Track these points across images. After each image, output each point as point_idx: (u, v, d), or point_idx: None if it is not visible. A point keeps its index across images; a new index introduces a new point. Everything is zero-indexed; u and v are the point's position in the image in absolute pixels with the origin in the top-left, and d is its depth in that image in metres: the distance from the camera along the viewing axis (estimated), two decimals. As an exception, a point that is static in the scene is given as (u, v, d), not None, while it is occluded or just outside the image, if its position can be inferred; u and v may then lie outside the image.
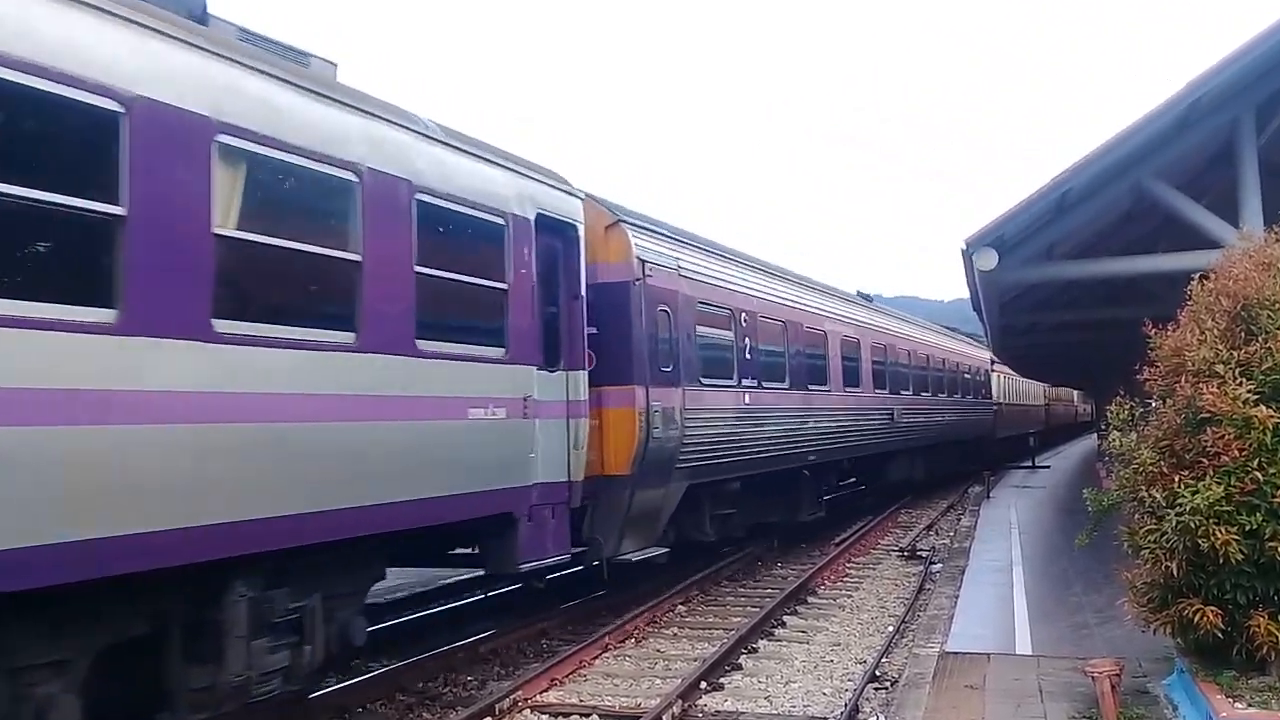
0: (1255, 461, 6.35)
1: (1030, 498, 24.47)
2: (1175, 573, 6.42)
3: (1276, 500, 6.26)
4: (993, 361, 34.47)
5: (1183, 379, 6.86)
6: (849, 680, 8.95)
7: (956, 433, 28.89)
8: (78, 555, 5.03)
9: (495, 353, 8.62)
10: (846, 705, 8.05)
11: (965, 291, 14.98)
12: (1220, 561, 6.29)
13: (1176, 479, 6.52)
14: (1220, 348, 6.85)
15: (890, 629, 10.87)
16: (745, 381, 13.79)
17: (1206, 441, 6.51)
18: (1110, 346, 22.44)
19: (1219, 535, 6.21)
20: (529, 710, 8.10)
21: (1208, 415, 6.58)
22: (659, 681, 8.97)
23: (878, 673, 9.01)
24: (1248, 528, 6.26)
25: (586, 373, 10.06)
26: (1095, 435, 40.53)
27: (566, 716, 8.05)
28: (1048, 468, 35.87)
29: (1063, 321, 22.09)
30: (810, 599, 12.91)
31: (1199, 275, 7.76)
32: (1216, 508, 6.27)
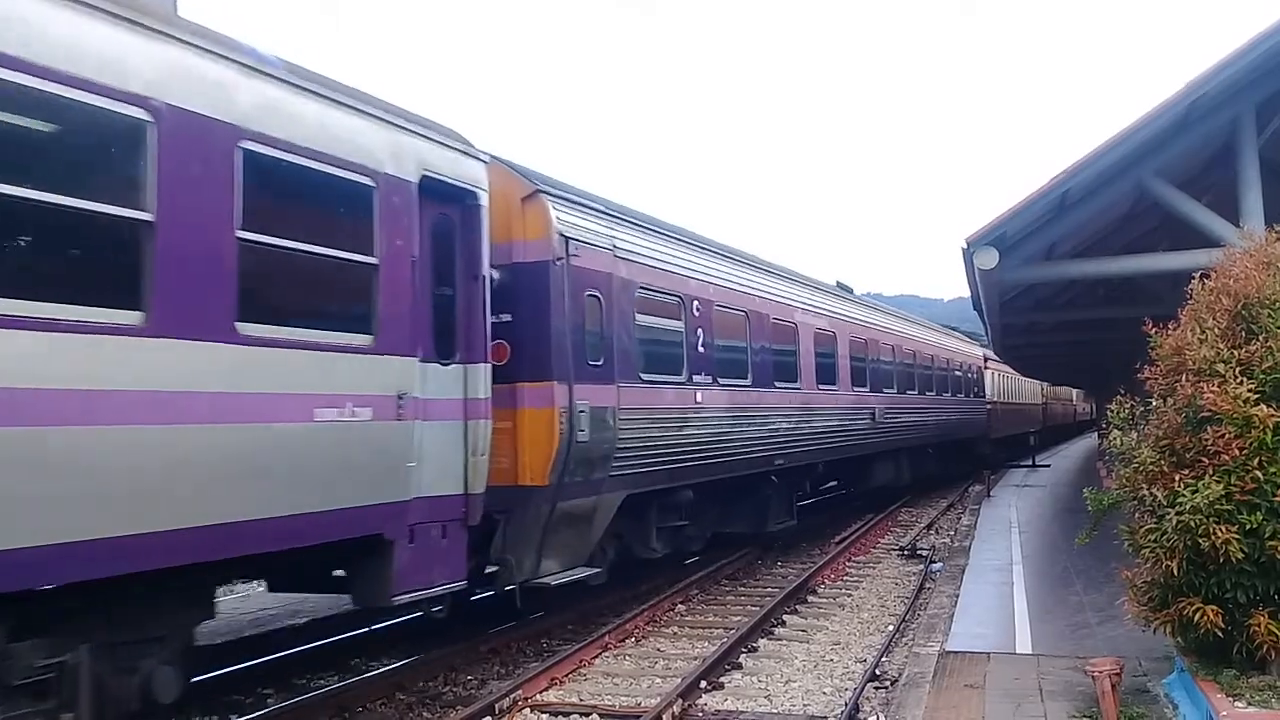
0: (1255, 460, 6.36)
1: (1030, 497, 24.46)
2: (1175, 572, 6.43)
3: (1277, 499, 6.26)
4: (986, 359, 33.84)
5: (1183, 378, 6.86)
6: (849, 679, 8.95)
7: (946, 434, 27.61)
8: None
9: (358, 341, 7.24)
10: (847, 704, 8.04)
11: (966, 291, 14.98)
12: (1220, 560, 6.29)
13: (1177, 478, 6.52)
14: (1221, 347, 6.86)
15: (890, 628, 10.87)
16: (697, 378, 12.34)
17: (1207, 440, 6.52)
18: (1111, 345, 22.47)
19: (1219, 534, 6.21)
20: (529, 709, 8.10)
21: (1208, 414, 6.58)
22: (659, 680, 8.97)
23: (878, 672, 9.01)
24: (1248, 526, 6.27)
25: (489, 366, 8.61)
26: (1096, 434, 40.55)
27: (566, 716, 8.05)
28: (1048, 466, 35.87)
29: (1063, 321, 22.09)
30: (810, 598, 12.91)
31: (1199, 274, 7.76)
32: (1217, 506, 6.27)
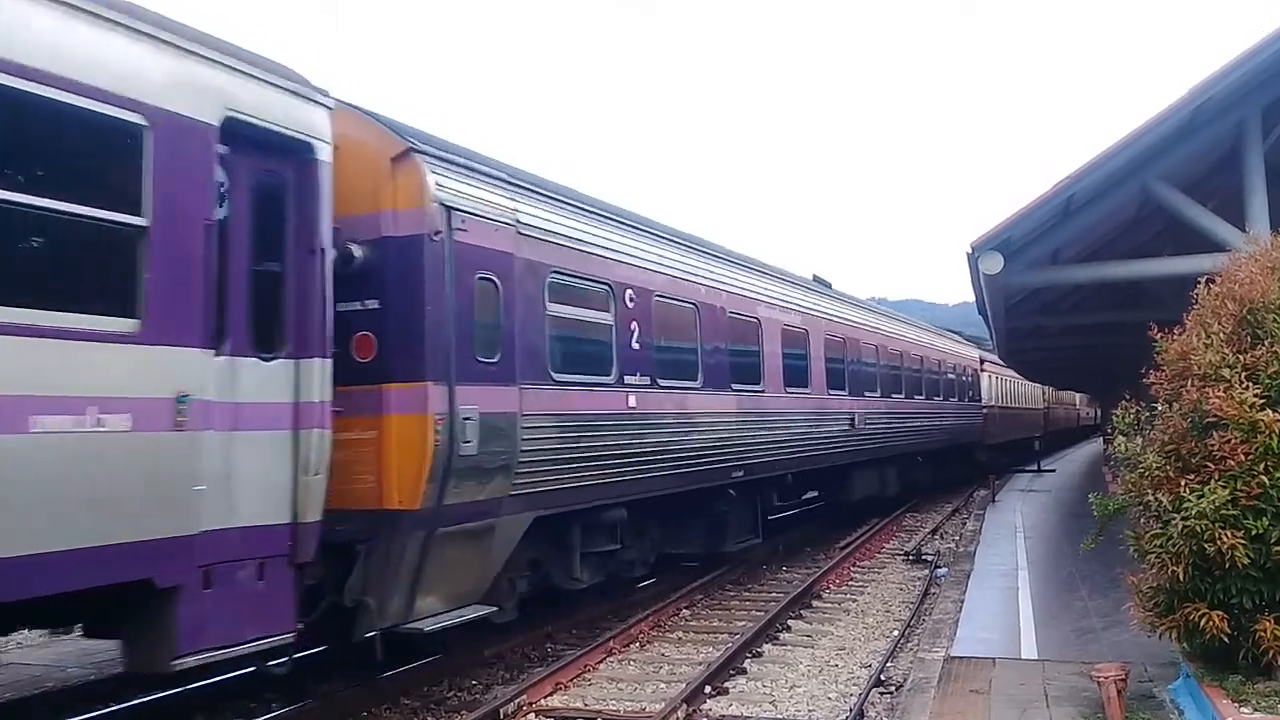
0: (1261, 465, 6.36)
1: (1035, 501, 24.42)
2: (1181, 577, 6.42)
3: (1283, 504, 6.26)
4: (983, 360, 32.49)
5: (1189, 383, 6.86)
6: (854, 685, 8.93)
7: (937, 440, 25.85)
8: None
9: (110, 326, 5.61)
10: (851, 710, 8.03)
11: (970, 295, 14.96)
12: (1226, 566, 6.28)
13: (1182, 483, 6.52)
14: (1226, 351, 6.85)
15: (895, 633, 10.86)
16: (631, 379, 10.70)
17: (1213, 445, 6.51)
18: (1116, 350, 22.43)
19: (1225, 539, 6.21)
20: (533, 714, 8.10)
21: (1214, 419, 6.58)
22: (663, 686, 8.96)
23: (883, 677, 8.99)
24: (1254, 532, 6.27)
25: (328, 362, 7.06)
26: (1101, 439, 40.41)
27: (571, 720, 8.06)
28: (1053, 471, 35.79)
29: (1068, 325, 22.07)
30: (815, 603, 12.89)
31: (1205, 279, 7.75)
32: (1222, 512, 6.27)
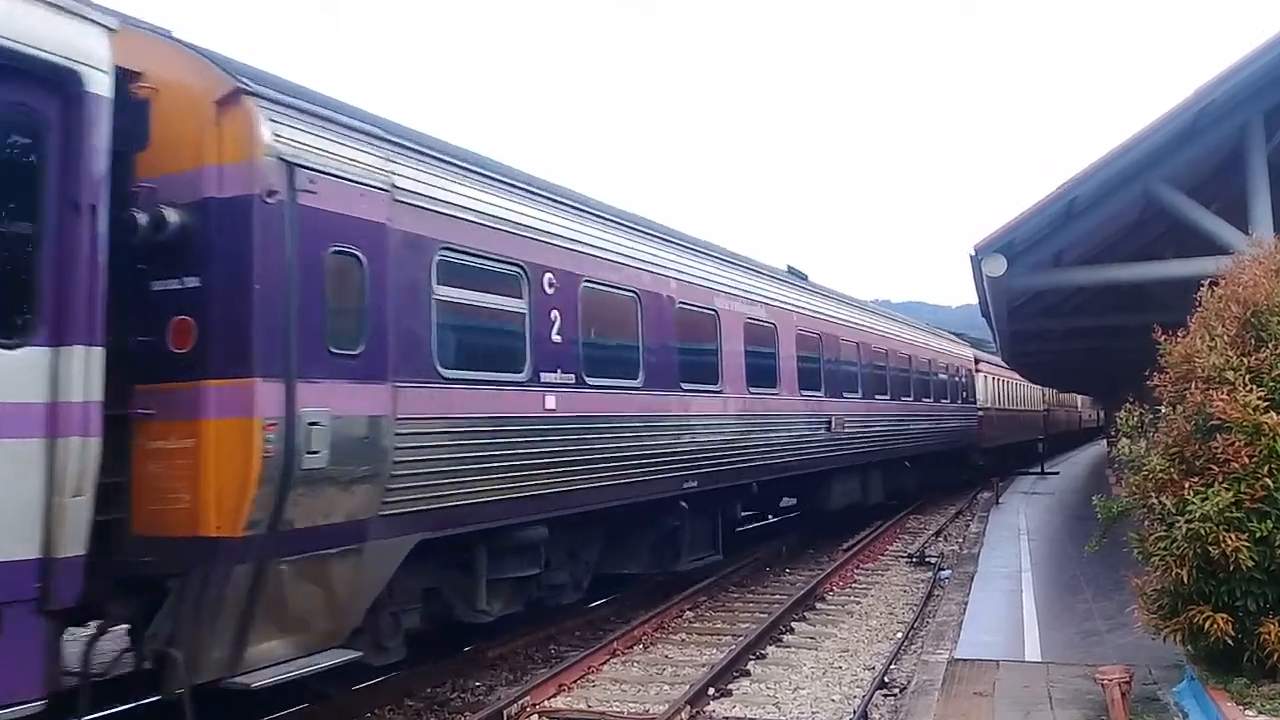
0: (1265, 468, 6.36)
1: (1039, 504, 24.40)
2: (1185, 579, 6.42)
3: (1287, 507, 6.26)
4: (978, 360, 31.32)
5: (1193, 385, 6.86)
6: (857, 687, 8.93)
7: (928, 444, 24.26)
8: None
9: None
10: (855, 712, 8.03)
11: (974, 297, 14.96)
12: (1231, 568, 6.29)
13: (1186, 485, 6.52)
14: (1230, 354, 6.86)
15: (899, 635, 10.84)
16: (550, 376, 9.34)
17: (1217, 448, 6.52)
18: (1120, 353, 22.41)
19: (1229, 542, 6.21)
20: (537, 716, 8.11)
21: (1218, 422, 6.58)
22: (667, 687, 8.96)
23: (886, 679, 8.98)
24: (1258, 534, 6.27)
25: (98, 350, 5.60)
26: (1104, 441, 40.31)
27: (574, 722, 8.06)
28: (1056, 474, 35.75)
29: (1072, 328, 22.07)
30: (819, 605, 12.88)
31: (1209, 281, 7.75)
32: (1227, 514, 6.27)
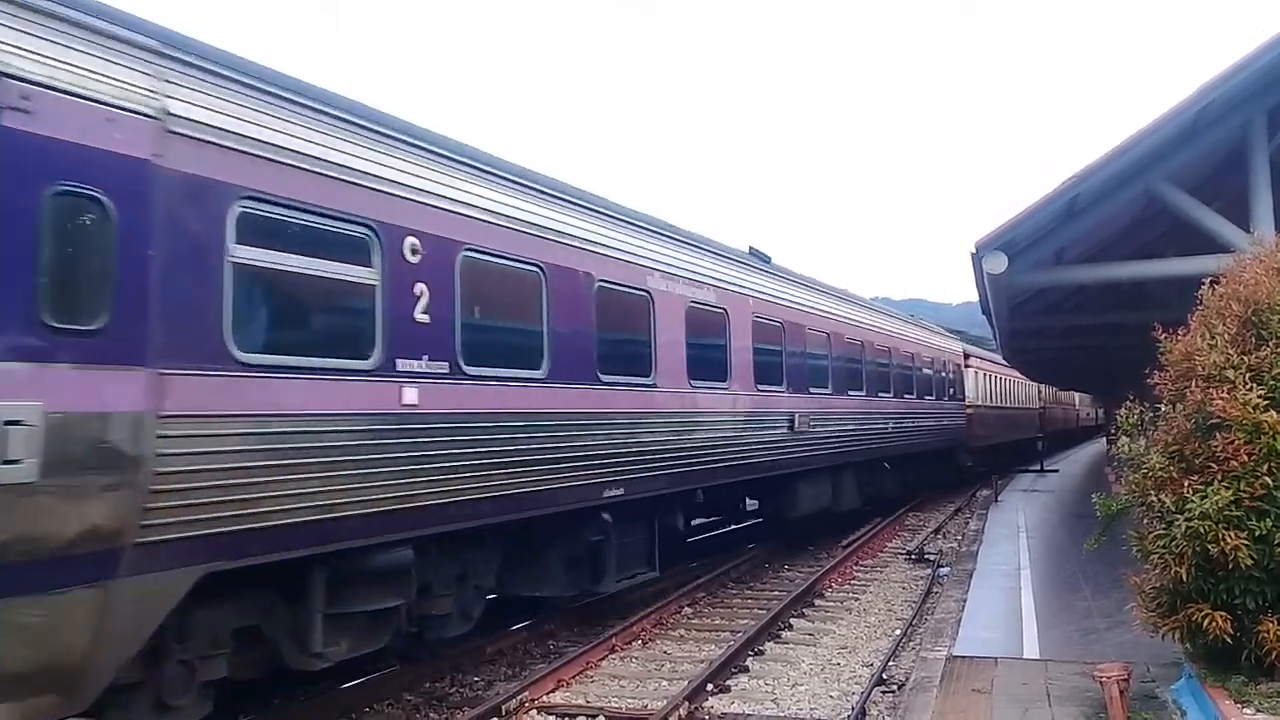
0: (1265, 466, 6.35)
1: (1038, 501, 24.41)
2: (1184, 577, 6.42)
3: (1287, 505, 6.25)
4: (968, 355, 30.05)
5: (1193, 384, 6.86)
6: (856, 683, 8.94)
7: (909, 444, 22.53)
8: None
9: None
10: (853, 708, 8.04)
11: (974, 295, 14.95)
12: (1229, 566, 6.28)
13: (1186, 483, 6.52)
14: (1231, 352, 6.85)
15: (898, 632, 10.86)
16: (411, 365, 7.62)
17: (1216, 446, 6.51)
18: (1120, 351, 22.40)
19: (1228, 540, 6.21)
20: (535, 711, 8.12)
21: (1218, 420, 6.58)
22: (665, 683, 8.97)
23: (885, 676, 9.00)
24: (1257, 533, 6.27)
25: None
26: (1104, 439, 40.28)
27: (573, 718, 8.07)
28: (1056, 471, 35.77)
29: (1072, 325, 22.05)
30: (817, 601, 12.90)
31: (1210, 280, 7.75)
32: (1226, 512, 6.27)
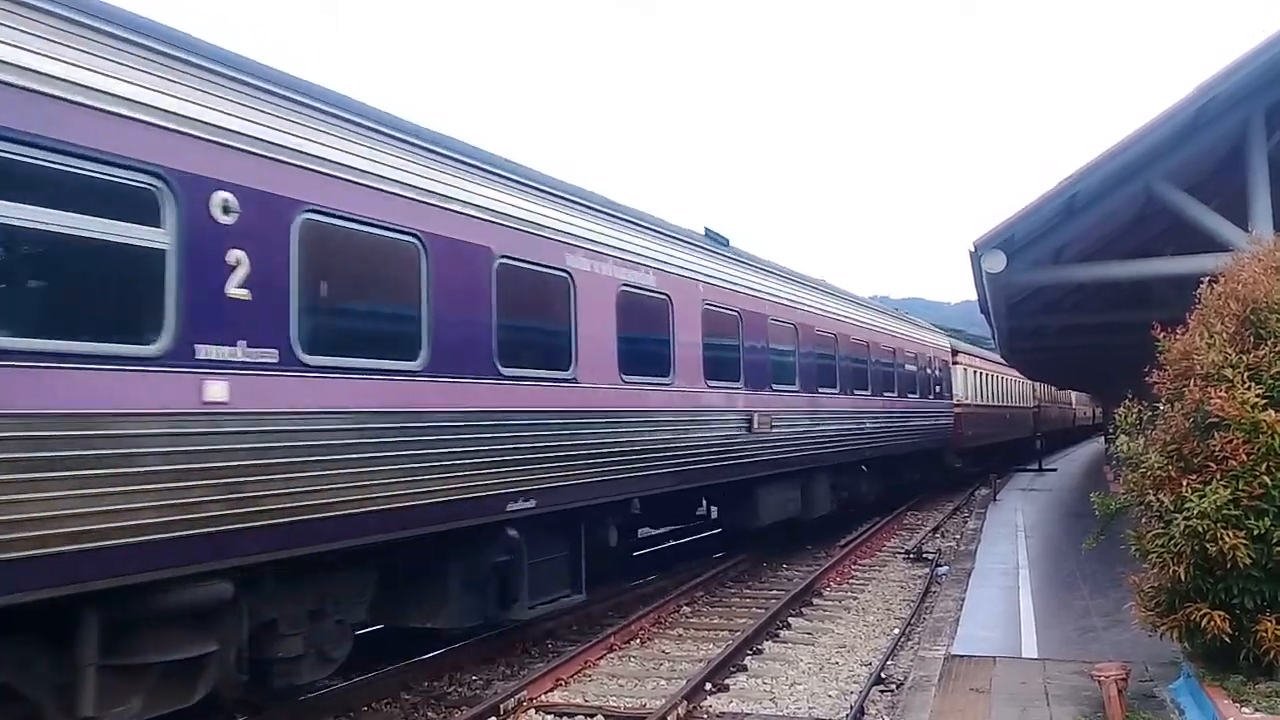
0: (1263, 465, 6.35)
1: (1036, 500, 24.42)
2: (1183, 577, 6.42)
3: (1285, 505, 6.25)
4: (956, 351, 28.93)
5: (1191, 383, 6.86)
6: (854, 682, 8.93)
7: (888, 446, 20.81)
8: None
9: None
10: (852, 708, 8.03)
11: (973, 294, 14.95)
12: (1228, 566, 6.28)
13: (1184, 483, 6.52)
14: (1229, 351, 6.85)
15: (896, 631, 10.86)
16: (221, 352, 6.01)
17: (1215, 445, 6.51)
18: (1118, 350, 22.39)
19: (1227, 539, 6.21)
20: (534, 710, 8.11)
21: (1216, 419, 6.57)
22: (664, 682, 8.96)
23: (883, 675, 9.00)
24: (1256, 532, 6.27)
25: None
26: (1102, 439, 40.28)
27: (571, 717, 8.05)
28: (1054, 470, 35.79)
29: (1071, 324, 22.04)
30: (816, 601, 12.89)
31: (1208, 279, 7.74)
32: (1224, 511, 6.27)
